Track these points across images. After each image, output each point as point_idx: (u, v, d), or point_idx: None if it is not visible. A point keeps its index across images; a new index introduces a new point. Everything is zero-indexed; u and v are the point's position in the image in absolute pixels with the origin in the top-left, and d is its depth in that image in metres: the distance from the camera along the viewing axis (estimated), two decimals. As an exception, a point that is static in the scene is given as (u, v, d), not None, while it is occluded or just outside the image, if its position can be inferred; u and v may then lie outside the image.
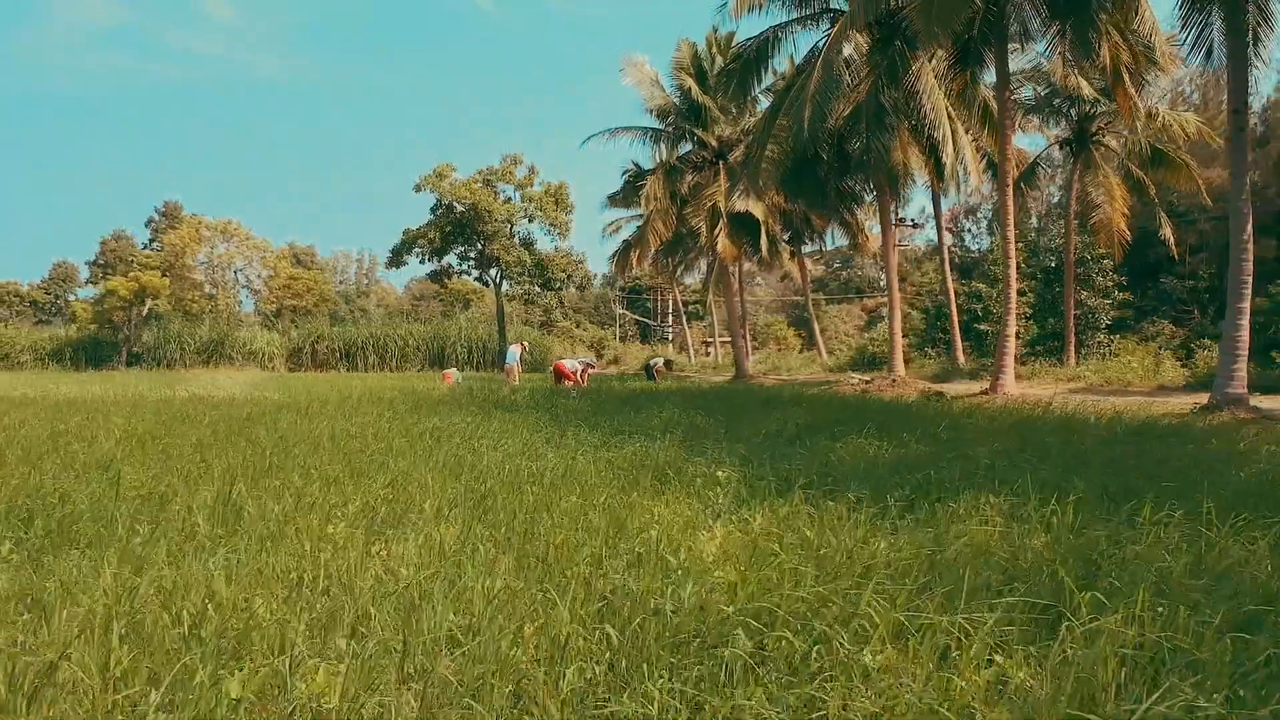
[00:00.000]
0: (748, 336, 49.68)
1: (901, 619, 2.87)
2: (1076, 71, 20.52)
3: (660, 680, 2.55)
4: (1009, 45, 17.02)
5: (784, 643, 2.76)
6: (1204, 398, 14.57)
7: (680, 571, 3.54)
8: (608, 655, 2.77)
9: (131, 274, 51.62)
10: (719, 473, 6.29)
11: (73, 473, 6.26)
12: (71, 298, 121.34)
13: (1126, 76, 16.94)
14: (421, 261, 41.86)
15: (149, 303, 50.99)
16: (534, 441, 8.94)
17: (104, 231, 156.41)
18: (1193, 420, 12.57)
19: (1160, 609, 2.99)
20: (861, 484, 5.96)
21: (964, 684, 2.49)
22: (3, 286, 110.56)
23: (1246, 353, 13.34)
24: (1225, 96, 13.63)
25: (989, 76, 20.84)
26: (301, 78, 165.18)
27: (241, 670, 2.59)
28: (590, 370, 27.83)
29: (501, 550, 4.15)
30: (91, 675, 2.54)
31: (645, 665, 2.66)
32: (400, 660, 2.70)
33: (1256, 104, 37.37)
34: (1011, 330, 18.19)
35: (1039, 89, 24.15)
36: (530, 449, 8.34)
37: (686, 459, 7.43)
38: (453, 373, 29.67)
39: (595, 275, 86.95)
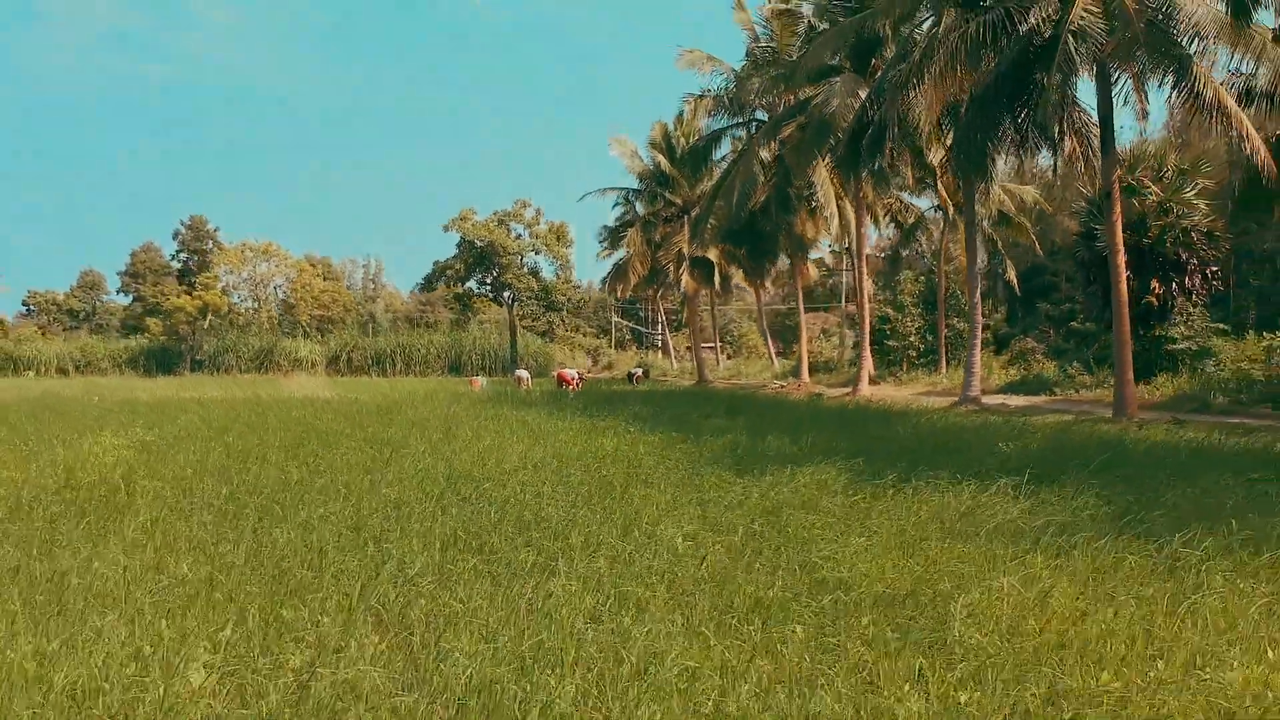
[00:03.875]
0: (717, 346, 58.38)
1: (658, 443, 11.50)
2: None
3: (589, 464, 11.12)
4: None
5: (607, 462, 11.36)
6: (997, 398, 23.50)
7: (598, 446, 12.18)
8: (578, 458, 11.34)
9: (196, 293, 60.17)
10: (629, 428, 14.90)
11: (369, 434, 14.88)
12: (97, 303, 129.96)
13: (940, 184, 25.54)
14: (448, 286, 50.87)
15: (209, 317, 59.64)
16: (549, 419, 17.53)
17: (107, 234, 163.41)
18: (941, 409, 21.17)
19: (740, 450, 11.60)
20: (692, 430, 14.50)
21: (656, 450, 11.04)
22: (44, 296, 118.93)
23: (979, 371, 21.97)
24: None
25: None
26: (301, 79, 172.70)
27: (487, 447, 11.17)
28: (583, 375, 36.50)
29: (536, 441, 12.68)
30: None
31: (590, 458, 11.22)
32: (525, 460, 11.25)
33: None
34: (866, 351, 26.85)
35: (915, 171, 32.70)
36: (550, 422, 16.93)
37: (624, 426, 15.97)
38: (480, 379, 38.11)
39: (587, 286, 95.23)
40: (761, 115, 30.73)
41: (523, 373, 36.68)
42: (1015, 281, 34.15)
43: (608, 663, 3.90)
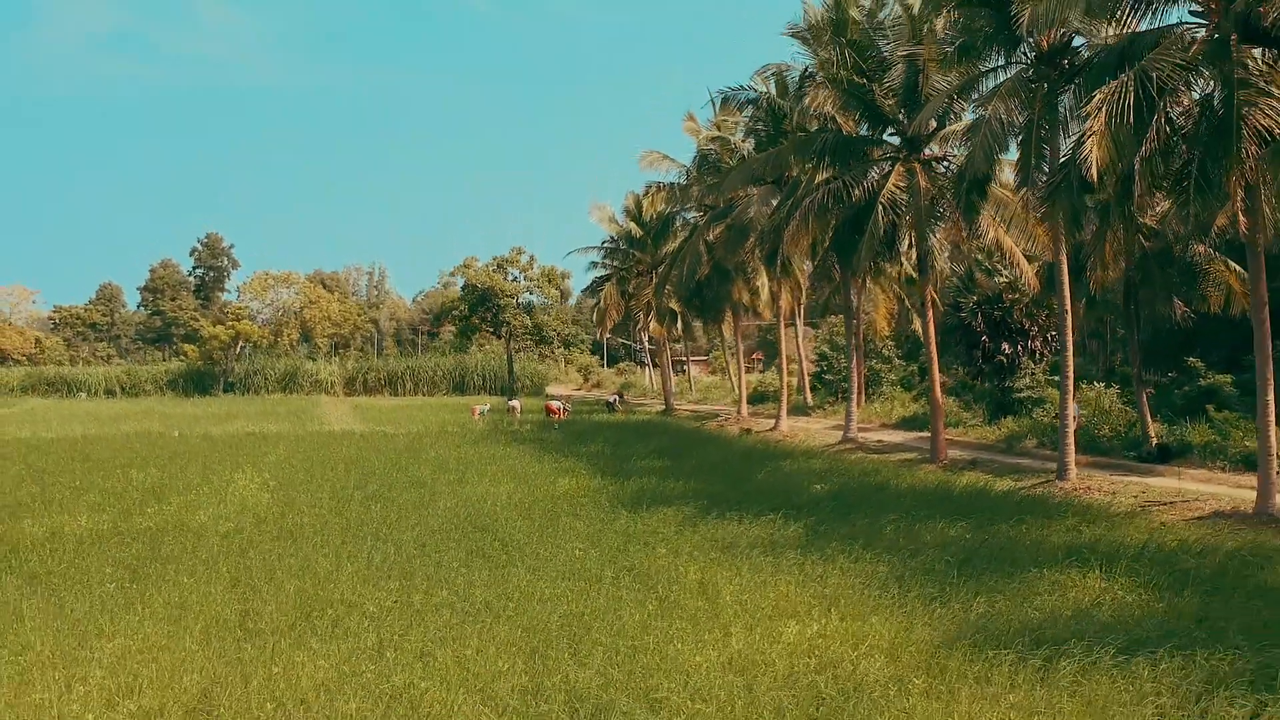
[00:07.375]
0: (689, 372, 65.75)
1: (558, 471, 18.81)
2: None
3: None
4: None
5: (559, 501, 18.64)
6: (885, 433, 30.87)
7: (556, 487, 19.48)
8: (540, 500, 18.58)
9: (229, 323, 67.50)
10: (583, 468, 22.13)
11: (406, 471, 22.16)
12: (115, 315, 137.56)
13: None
14: (453, 326, 58.72)
15: (240, 344, 66.94)
16: (530, 461, 24.72)
17: (107, 236, 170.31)
18: (822, 447, 28.43)
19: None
20: (623, 475, 21.69)
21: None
22: (69, 310, 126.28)
23: (856, 415, 29.24)
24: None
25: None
26: (299, 83, 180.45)
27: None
28: (567, 406, 43.75)
29: (518, 483, 19.85)
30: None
31: (549, 499, 18.45)
32: (510, 499, 18.46)
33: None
34: (785, 393, 34.08)
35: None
36: (530, 464, 24.13)
37: (582, 466, 23.12)
38: (480, 408, 45.24)
39: (581, 300, 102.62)
40: (710, 202, 38.10)
41: (515, 403, 43.96)
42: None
43: (531, 596, 11.11)
